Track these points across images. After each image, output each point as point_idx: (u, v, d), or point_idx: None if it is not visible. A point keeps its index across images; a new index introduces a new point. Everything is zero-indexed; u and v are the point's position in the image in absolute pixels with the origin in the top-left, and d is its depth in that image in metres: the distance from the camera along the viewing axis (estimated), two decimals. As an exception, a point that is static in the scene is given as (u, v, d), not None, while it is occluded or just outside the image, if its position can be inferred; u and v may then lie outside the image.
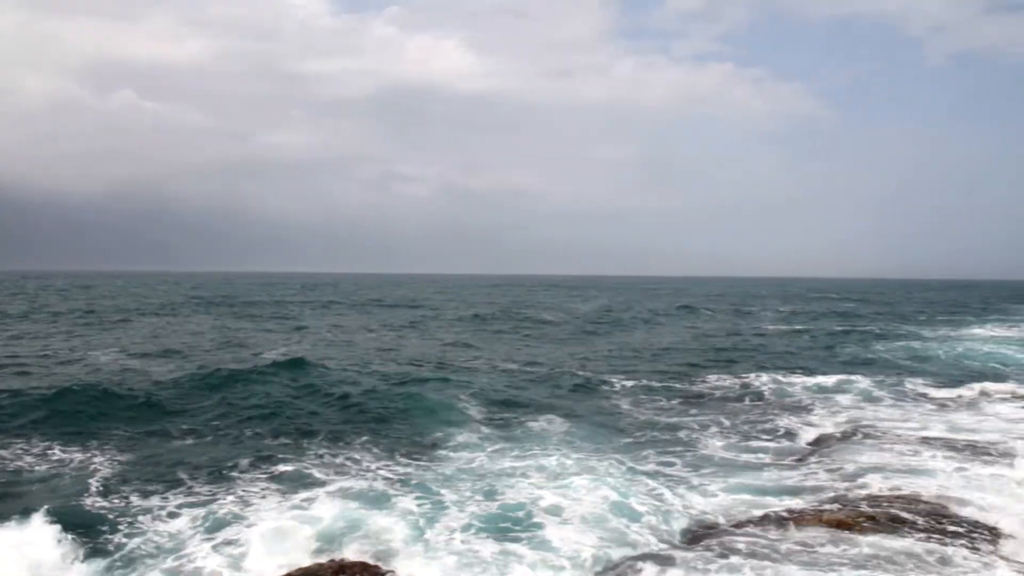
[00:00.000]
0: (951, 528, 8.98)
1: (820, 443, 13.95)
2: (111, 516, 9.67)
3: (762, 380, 21.09)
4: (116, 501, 10.28)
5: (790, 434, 15.01)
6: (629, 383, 20.86)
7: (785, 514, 9.87)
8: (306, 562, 8.48)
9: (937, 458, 12.25)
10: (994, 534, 8.92)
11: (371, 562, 8.55)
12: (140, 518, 9.63)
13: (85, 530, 9.10)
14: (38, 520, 9.02)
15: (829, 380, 21.26)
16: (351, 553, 8.75)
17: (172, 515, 9.81)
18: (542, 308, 62.23)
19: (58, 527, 8.84)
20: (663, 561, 8.30)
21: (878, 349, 30.75)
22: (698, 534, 9.39)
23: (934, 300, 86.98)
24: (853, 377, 22.00)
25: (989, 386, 20.35)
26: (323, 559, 8.57)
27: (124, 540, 9.01)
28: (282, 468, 11.87)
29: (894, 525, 9.00)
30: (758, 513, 9.99)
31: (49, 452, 12.61)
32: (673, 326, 42.94)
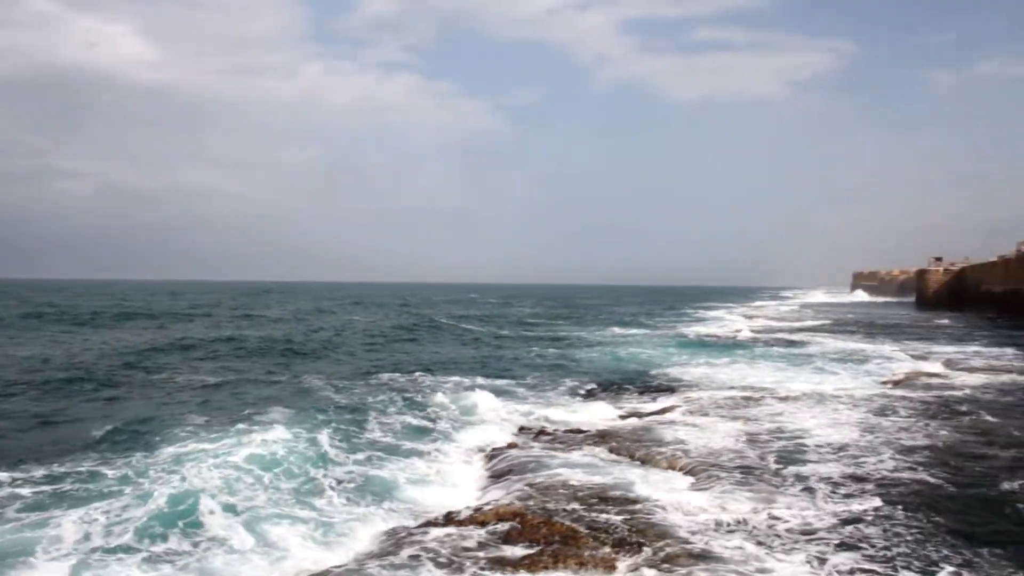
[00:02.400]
0: (613, 513, 10.35)
1: (487, 445, 15.09)
2: None
3: (433, 381, 22.44)
4: None
5: (455, 436, 15.89)
6: (314, 381, 21.17)
7: (462, 512, 10.64)
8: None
9: (594, 452, 14.04)
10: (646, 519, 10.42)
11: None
12: None
13: None
14: None
15: (499, 382, 23.23)
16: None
17: None
18: (229, 314, 59.41)
19: None
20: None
21: (550, 353, 33.64)
22: (379, 537, 9.88)
23: (596, 304, 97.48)
24: (512, 379, 24.26)
25: (637, 387, 23.37)
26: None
27: None
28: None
29: (565, 512, 10.23)
30: (432, 515, 10.72)
31: None
32: (363, 330, 43.40)
